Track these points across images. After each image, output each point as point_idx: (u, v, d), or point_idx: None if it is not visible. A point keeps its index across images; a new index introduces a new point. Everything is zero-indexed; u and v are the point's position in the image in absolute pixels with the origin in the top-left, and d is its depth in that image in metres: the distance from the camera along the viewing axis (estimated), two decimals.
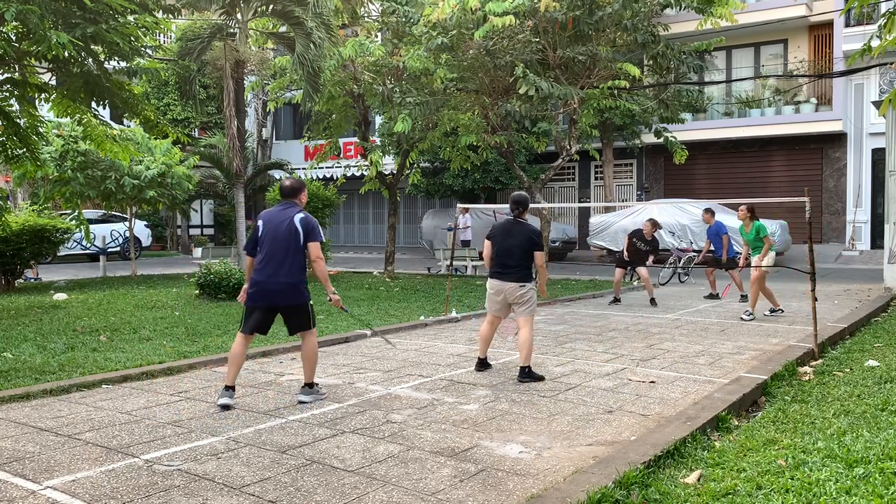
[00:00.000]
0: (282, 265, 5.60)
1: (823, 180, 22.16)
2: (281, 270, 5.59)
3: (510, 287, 6.58)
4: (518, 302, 6.59)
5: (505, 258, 6.61)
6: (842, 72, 15.85)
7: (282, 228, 5.64)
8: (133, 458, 4.42)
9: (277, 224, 5.67)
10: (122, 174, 15.31)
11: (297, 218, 5.68)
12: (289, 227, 5.64)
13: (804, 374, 6.61)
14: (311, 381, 5.83)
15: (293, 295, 5.66)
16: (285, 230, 5.63)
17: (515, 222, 6.72)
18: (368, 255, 26.43)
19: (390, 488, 3.92)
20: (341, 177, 19.24)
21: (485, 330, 6.92)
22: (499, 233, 6.74)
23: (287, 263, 5.60)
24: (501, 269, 6.63)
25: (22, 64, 10.15)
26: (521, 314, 6.61)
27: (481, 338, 6.95)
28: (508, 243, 6.61)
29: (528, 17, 13.02)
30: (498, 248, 6.67)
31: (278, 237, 5.63)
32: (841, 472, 3.87)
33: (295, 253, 5.63)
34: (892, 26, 8.37)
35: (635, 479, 3.85)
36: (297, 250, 5.63)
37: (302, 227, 5.65)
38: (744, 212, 10.18)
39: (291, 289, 5.64)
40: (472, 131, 15.70)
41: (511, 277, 6.57)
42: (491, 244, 6.75)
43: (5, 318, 10.00)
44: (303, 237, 5.66)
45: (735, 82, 23.07)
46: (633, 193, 25.26)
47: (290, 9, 14.80)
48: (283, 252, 5.60)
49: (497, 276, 6.66)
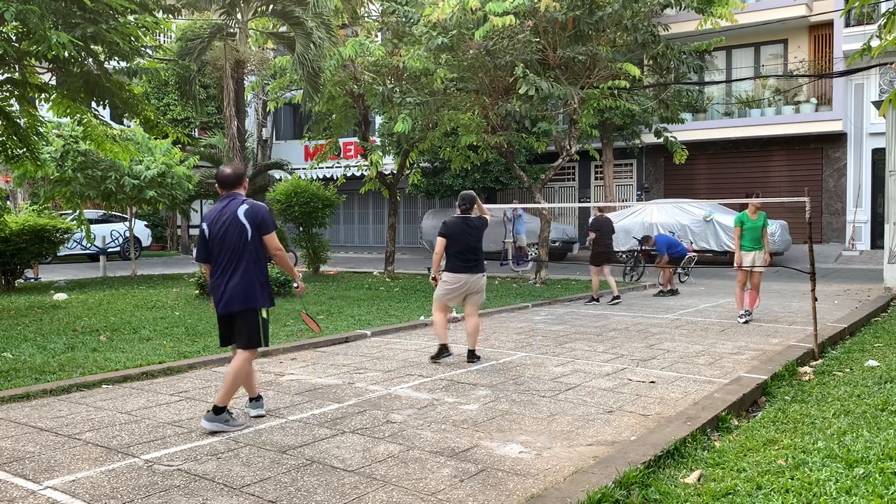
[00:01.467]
0: (231, 267, 5.01)
1: (823, 180, 22.16)
2: (232, 272, 5.01)
3: (475, 278, 7.20)
4: (478, 291, 7.23)
5: (469, 253, 7.18)
6: (842, 72, 15.85)
7: (227, 226, 5.03)
8: (133, 458, 4.42)
9: (222, 222, 5.06)
10: (122, 174, 15.31)
11: (242, 211, 5.04)
12: (233, 223, 5.02)
13: (804, 374, 6.61)
14: (225, 406, 4.97)
15: (243, 298, 5.00)
16: (230, 227, 5.02)
17: (468, 219, 7.29)
18: (368, 255, 26.42)
19: (390, 488, 3.92)
20: (341, 177, 19.25)
21: (440, 317, 7.38)
22: (456, 231, 7.22)
23: (236, 264, 5.01)
24: (467, 263, 7.18)
25: (22, 64, 10.15)
26: (476, 303, 7.28)
27: (440, 325, 7.38)
28: (469, 240, 7.19)
29: (528, 17, 13.02)
30: (459, 246, 7.18)
31: (225, 237, 5.03)
32: (841, 472, 3.87)
33: (244, 251, 5.01)
34: (892, 26, 8.37)
35: (635, 479, 3.85)
36: (248, 248, 5.02)
37: (248, 221, 5.02)
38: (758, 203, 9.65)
39: (242, 292, 4.99)
40: (472, 131, 15.70)
41: (476, 270, 7.22)
42: (447, 242, 7.21)
43: (5, 318, 10.00)
44: (251, 231, 5.03)
45: (735, 82, 23.07)
46: (633, 193, 25.26)
47: (290, 9, 14.79)
48: (231, 251, 5.01)
49: (463, 270, 7.18)
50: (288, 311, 10.55)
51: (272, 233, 5.12)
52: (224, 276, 5.02)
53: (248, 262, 5.03)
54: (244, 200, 5.14)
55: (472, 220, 7.30)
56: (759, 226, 9.70)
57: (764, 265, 9.81)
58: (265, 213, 5.14)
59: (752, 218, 9.72)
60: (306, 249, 17.07)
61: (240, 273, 5.00)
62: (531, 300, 12.29)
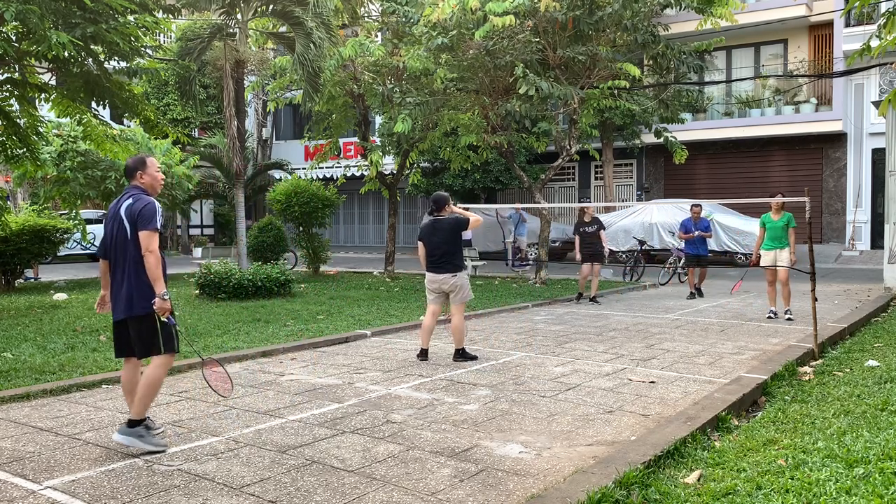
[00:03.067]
0: (118, 268, 4.60)
1: (823, 180, 22.16)
2: (119, 276, 4.59)
3: (444, 277, 7.37)
4: (453, 290, 7.38)
5: (436, 253, 7.41)
6: (842, 72, 15.85)
7: (113, 225, 4.64)
8: (133, 458, 4.42)
9: (110, 220, 4.67)
10: (122, 174, 15.31)
11: (123, 208, 4.58)
12: (115, 221, 4.62)
13: (804, 374, 6.61)
14: (142, 418, 4.54)
15: (129, 304, 4.54)
16: (115, 227, 4.62)
17: (436, 221, 7.45)
18: (368, 255, 26.43)
19: (390, 488, 3.92)
20: (341, 177, 19.25)
21: (428, 322, 7.50)
22: (427, 233, 7.49)
23: (122, 265, 4.57)
24: (435, 263, 7.42)
25: (22, 64, 10.15)
26: (457, 301, 7.41)
27: (424, 329, 7.49)
28: (435, 240, 7.40)
29: (528, 17, 13.02)
30: (430, 247, 7.45)
31: (112, 236, 4.63)
32: (841, 472, 3.87)
33: (127, 252, 4.54)
34: (891, 26, 8.37)
35: (635, 479, 3.85)
36: (129, 248, 4.53)
37: (127, 218, 4.54)
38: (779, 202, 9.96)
39: (127, 298, 4.54)
40: (472, 131, 15.70)
41: (444, 269, 7.37)
42: (423, 244, 7.49)
43: (5, 318, 10.00)
44: (129, 230, 4.53)
45: (735, 82, 23.07)
46: (633, 193, 25.26)
47: (290, 9, 14.79)
48: (115, 252, 4.61)
49: (433, 270, 7.45)
50: (288, 311, 10.55)
51: (148, 230, 4.48)
52: (112, 277, 4.67)
53: (130, 264, 4.54)
54: (133, 193, 4.65)
55: (441, 221, 7.41)
56: (779, 225, 10.07)
57: (789, 264, 10.01)
58: (148, 206, 4.55)
59: (773, 218, 10.15)
60: (306, 249, 17.08)
61: (124, 275, 4.56)
62: (531, 300, 12.29)
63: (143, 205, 4.54)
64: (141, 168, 4.72)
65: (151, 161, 4.79)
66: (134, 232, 4.51)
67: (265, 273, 12.34)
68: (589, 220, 12.65)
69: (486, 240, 21.89)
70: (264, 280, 12.20)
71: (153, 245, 4.48)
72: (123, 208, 4.58)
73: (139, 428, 4.50)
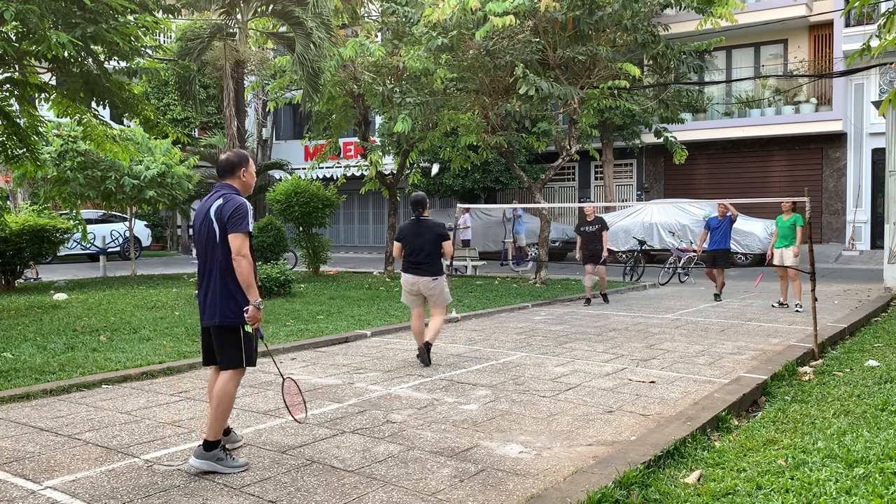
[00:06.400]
0: (205, 273, 4.33)
1: (823, 180, 22.16)
2: (206, 281, 4.31)
3: (423, 281, 7.24)
4: (431, 294, 7.28)
5: (416, 255, 7.26)
6: (842, 72, 15.86)
7: (201, 226, 4.32)
8: (133, 458, 4.42)
9: (199, 220, 4.34)
10: (122, 174, 15.31)
11: (213, 208, 4.25)
12: (204, 222, 4.29)
13: (804, 374, 6.61)
14: (218, 439, 4.22)
15: (214, 313, 4.24)
16: (203, 228, 4.30)
17: (420, 221, 7.32)
18: (368, 255, 26.43)
19: (390, 488, 3.92)
20: (341, 177, 19.25)
21: (416, 325, 7.40)
22: (408, 233, 7.32)
23: (209, 270, 4.29)
24: (414, 265, 7.27)
25: (22, 64, 10.15)
26: (436, 304, 7.33)
27: (415, 333, 7.40)
28: (418, 242, 7.25)
29: (528, 17, 13.02)
30: (409, 247, 7.29)
31: (200, 238, 4.34)
32: (841, 472, 3.87)
33: (214, 256, 4.25)
34: (891, 26, 8.37)
35: (635, 479, 3.85)
36: (217, 251, 4.23)
37: (217, 220, 4.22)
38: (789, 204, 11.11)
39: (212, 305, 4.25)
40: (472, 131, 15.70)
41: (423, 272, 7.24)
42: (401, 245, 7.36)
43: (5, 318, 10.00)
44: (219, 233, 4.23)
45: (735, 82, 23.07)
46: (633, 193, 25.26)
47: (290, 9, 14.80)
48: (204, 256, 4.32)
49: (411, 272, 7.29)
50: (288, 311, 10.55)
51: (240, 233, 4.18)
52: (199, 282, 4.39)
53: (217, 268, 4.24)
54: (225, 193, 4.32)
55: (426, 222, 7.32)
56: (787, 225, 11.01)
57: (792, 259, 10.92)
58: (240, 207, 4.23)
59: (783, 219, 11.07)
60: (306, 249, 17.07)
61: (210, 280, 4.28)
62: (531, 300, 12.29)
63: (234, 205, 4.22)
64: (245, 165, 4.41)
65: (251, 160, 4.55)
66: (223, 234, 4.20)
67: (265, 273, 12.34)
68: (591, 220, 12.60)
69: (487, 240, 21.90)
70: (264, 280, 12.19)
71: (245, 249, 4.17)
72: (213, 208, 4.24)
73: (217, 451, 4.17)
